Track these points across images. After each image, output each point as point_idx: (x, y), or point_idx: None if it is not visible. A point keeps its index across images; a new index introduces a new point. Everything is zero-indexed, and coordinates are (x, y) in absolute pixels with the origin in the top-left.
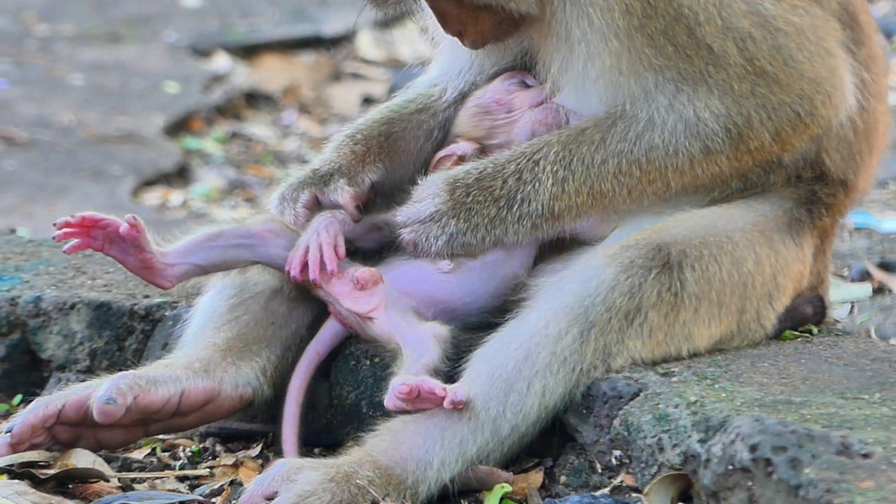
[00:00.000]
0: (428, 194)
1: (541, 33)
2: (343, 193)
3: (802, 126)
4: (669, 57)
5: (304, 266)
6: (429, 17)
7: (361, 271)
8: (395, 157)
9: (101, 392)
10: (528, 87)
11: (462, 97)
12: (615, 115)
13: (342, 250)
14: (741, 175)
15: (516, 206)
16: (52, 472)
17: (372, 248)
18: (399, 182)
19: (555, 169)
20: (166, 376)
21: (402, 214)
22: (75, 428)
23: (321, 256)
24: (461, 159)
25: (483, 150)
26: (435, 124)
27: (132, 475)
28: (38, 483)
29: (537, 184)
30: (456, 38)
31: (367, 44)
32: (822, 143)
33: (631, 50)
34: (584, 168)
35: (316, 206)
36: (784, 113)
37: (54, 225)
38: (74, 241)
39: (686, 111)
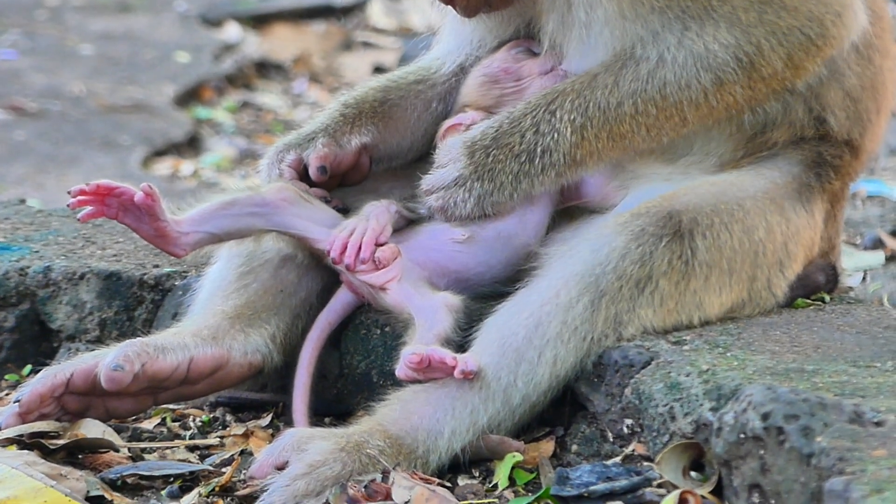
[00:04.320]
0: (449, 160)
1: None
2: (314, 152)
3: (815, 48)
4: None
5: (345, 248)
6: None
7: (381, 251)
8: (390, 122)
9: (108, 359)
10: (534, 54)
11: (461, 69)
12: (625, 57)
13: (384, 240)
14: (756, 105)
15: (538, 159)
16: (61, 442)
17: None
18: (395, 148)
19: (572, 117)
20: (174, 344)
21: (427, 182)
22: (84, 397)
23: (361, 243)
24: (469, 129)
25: None
26: (433, 95)
27: (142, 445)
28: (47, 453)
29: (556, 134)
30: (449, 7)
31: (378, 13)
32: (824, 99)
33: None
34: (601, 112)
35: (301, 166)
36: (795, 37)
37: (69, 193)
38: (89, 209)
39: (696, 46)
